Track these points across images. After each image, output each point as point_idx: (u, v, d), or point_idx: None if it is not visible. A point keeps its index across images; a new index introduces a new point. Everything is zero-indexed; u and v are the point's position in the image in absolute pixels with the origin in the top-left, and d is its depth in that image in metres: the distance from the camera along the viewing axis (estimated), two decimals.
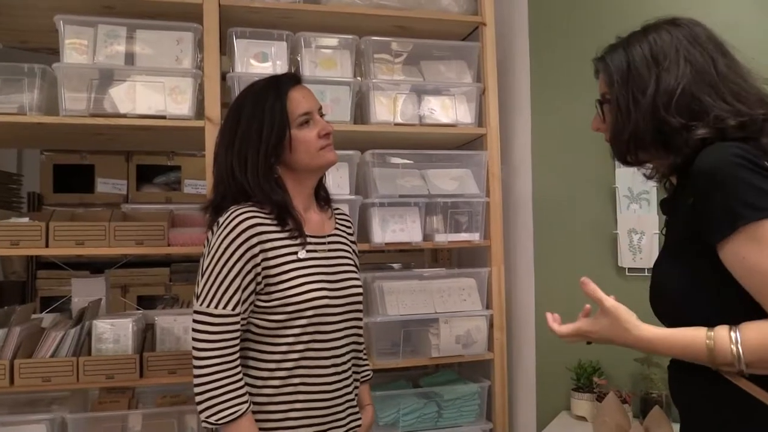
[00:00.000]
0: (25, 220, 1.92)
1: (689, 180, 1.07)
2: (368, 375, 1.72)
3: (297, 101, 1.50)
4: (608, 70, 1.18)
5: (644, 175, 1.33)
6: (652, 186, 2.19)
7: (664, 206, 1.26)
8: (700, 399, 1.12)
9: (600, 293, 1.13)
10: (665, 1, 2.18)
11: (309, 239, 1.50)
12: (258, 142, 1.45)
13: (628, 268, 2.24)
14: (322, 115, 1.56)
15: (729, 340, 1.00)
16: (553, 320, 1.21)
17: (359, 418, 1.56)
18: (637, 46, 1.15)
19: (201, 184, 3.62)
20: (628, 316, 1.11)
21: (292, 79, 1.55)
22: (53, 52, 1.99)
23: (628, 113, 1.13)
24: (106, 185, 3.60)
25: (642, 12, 2.14)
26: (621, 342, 1.12)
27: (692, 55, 1.11)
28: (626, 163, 1.21)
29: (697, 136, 1.07)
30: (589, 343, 1.17)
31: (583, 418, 2.20)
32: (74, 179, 3.60)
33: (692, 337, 1.04)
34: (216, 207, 1.50)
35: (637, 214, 2.22)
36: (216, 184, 1.53)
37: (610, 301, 1.12)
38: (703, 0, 2.08)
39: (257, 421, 1.39)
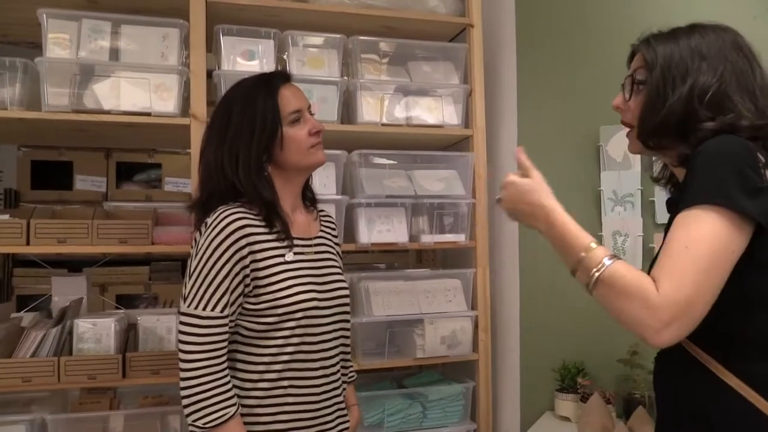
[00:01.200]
0: (6, 217, 1.88)
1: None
2: (353, 376, 1.72)
3: (288, 99, 1.49)
4: (652, 53, 1.20)
5: (651, 177, 1.36)
6: (636, 189, 2.22)
7: (670, 206, 1.28)
8: (683, 391, 1.14)
9: (529, 163, 1.22)
10: (650, 4, 2.22)
11: (296, 241, 1.48)
12: (250, 139, 1.44)
13: None
14: (311, 114, 1.55)
15: (597, 263, 1.05)
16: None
17: (347, 420, 1.55)
18: (684, 38, 1.19)
19: (182, 182, 3.56)
20: (546, 186, 1.19)
21: (282, 77, 1.54)
22: (35, 47, 1.95)
23: (665, 97, 1.16)
24: (84, 182, 3.54)
25: (628, 14, 2.18)
26: (527, 200, 1.19)
27: (734, 58, 1.15)
28: (647, 146, 1.23)
29: (708, 127, 1.10)
30: (498, 200, 1.28)
31: (567, 419, 2.22)
32: (52, 176, 3.54)
33: (577, 236, 1.11)
34: (203, 205, 1.48)
35: (622, 217, 2.24)
36: (203, 182, 1.50)
37: (536, 170, 1.21)
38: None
39: (246, 424, 1.37)
